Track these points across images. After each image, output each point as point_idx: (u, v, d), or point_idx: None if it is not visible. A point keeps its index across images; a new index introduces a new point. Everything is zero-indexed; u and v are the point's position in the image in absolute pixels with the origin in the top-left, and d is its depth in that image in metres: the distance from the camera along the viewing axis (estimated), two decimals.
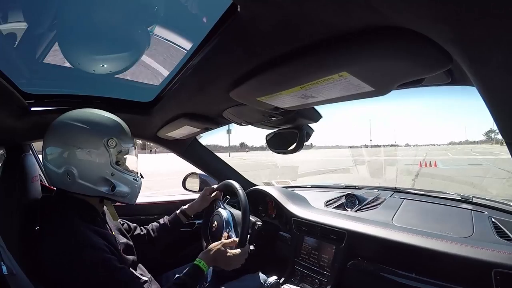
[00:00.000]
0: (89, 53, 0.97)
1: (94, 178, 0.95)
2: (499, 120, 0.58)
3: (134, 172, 1.08)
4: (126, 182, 1.02)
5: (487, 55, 0.43)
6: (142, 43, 0.95)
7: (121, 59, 1.02)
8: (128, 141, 1.03)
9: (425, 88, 0.82)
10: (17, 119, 1.11)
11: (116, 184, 0.99)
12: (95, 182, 0.96)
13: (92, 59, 1.00)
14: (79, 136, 0.93)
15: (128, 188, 1.03)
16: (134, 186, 1.06)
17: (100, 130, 0.96)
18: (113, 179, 0.98)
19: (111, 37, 0.94)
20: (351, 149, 72.40)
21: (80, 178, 0.93)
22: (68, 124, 0.95)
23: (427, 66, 0.55)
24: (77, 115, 0.97)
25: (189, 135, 1.65)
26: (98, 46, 0.96)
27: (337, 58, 0.59)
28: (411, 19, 0.44)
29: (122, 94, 1.27)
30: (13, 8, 0.78)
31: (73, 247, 0.86)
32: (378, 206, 1.49)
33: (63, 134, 0.94)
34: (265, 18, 0.55)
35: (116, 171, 0.99)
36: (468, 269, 0.91)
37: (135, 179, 1.06)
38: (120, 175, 1.00)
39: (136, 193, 1.08)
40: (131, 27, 0.91)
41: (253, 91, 0.86)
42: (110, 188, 0.98)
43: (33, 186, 1.11)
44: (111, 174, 0.98)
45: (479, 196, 1.41)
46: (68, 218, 0.92)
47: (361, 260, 1.19)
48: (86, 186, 0.95)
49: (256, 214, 1.78)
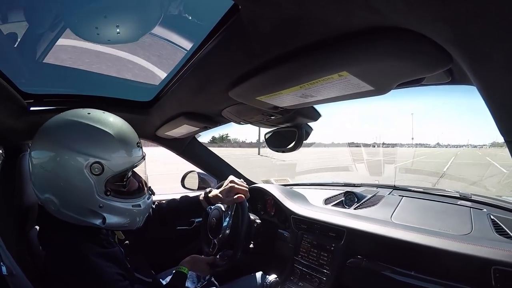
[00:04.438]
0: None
1: (78, 210, 0.79)
2: (499, 119, 0.58)
3: (137, 194, 0.90)
4: (122, 212, 0.84)
5: (487, 54, 0.43)
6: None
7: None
8: (125, 156, 0.82)
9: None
10: (16, 118, 1.11)
11: (107, 217, 0.81)
12: (81, 214, 0.79)
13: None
14: (56, 156, 0.75)
15: (125, 218, 0.85)
16: (134, 212, 0.87)
17: (81, 149, 0.76)
18: (102, 211, 0.80)
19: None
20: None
21: (63, 207, 0.78)
22: (46, 132, 0.79)
23: (427, 66, 0.55)
24: (58, 122, 0.80)
25: (188, 134, 1.65)
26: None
27: (337, 58, 0.59)
28: (411, 19, 0.44)
29: (121, 93, 1.27)
30: (12, 8, 0.78)
31: (84, 282, 0.75)
32: (377, 204, 1.50)
33: (41, 150, 0.78)
34: (266, 18, 0.55)
35: (106, 202, 0.80)
36: (467, 267, 0.92)
37: (138, 205, 0.88)
38: (111, 206, 0.81)
39: (139, 218, 0.91)
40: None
41: (253, 91, 0.86)
42: (102, 220, 0.81)
43: (31, 186, 1.11)
44: (99, 206, 0.79)
45: (478, 194, 1.42)
46: (72, 242, 0.80)
47: (360, 258, 1.19)
48: (71, 216, 0.79)
49: (255, 212, 1.78)
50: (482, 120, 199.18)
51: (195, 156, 2.03)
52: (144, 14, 0.85)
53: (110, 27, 0.83)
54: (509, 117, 0.57)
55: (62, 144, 0.75)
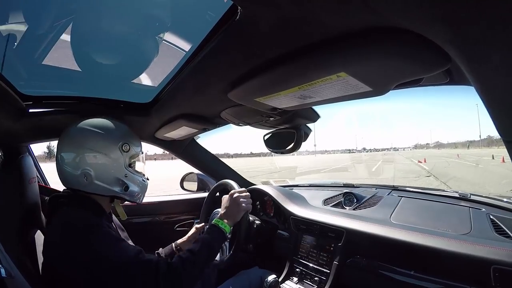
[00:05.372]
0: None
1: (109, 179, 1.02)
2: (498, 119, 0.59)
3: (142, 173, 1.15)
4: (137, 183, 1.10)
5: (485, 55, 0.43)
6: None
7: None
8: (138, 146, 1.11)
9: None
10: (15, 120, 1.11)
11: (129, 185, 1.06)
12: (110, 183, 1.02)
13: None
14: (96, 141, 1.00)
15: (139, 188, 1.11)
16: (143, 186, 1.14)
17: (116, 136, 1.04)
18: (126, 180, 1.05)
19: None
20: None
21: (97, 179, 0.99)
22: (85, 130, 1.01)
23: (426, 66, 0.56)
24: (93, 122, 1.03)
25: (187, 135, 1.65)
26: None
27: (335, 59, 0.59)
28: (410, 19, 0.44)
29: (120, 95, 1.27)
30: (11, 9, 0.78)
31: (81, 230, 0.88)
32: (376, 204, 1.49)
33: (80, 139, 1.00)
34: (265, 19, 0.55)
35: (129, 173, 1.06)
36: (466, 266, 0.91)
37: (144, 180, 1.14)
38: (132, 176, 1.07)
39: (144, 193, 1.16)
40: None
41: (251, 92, 0.86)
42: (123, 188, 1.05)
43: (30, 188, 1.11)
44: (125, 176, 1.05)
45: (477, 194, 1.42)
46: (76, 209, 0.96)
47: (359, 258, 1.19)
48: (101, 186, 1.00)
49: (255, 213, 1.78)
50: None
51: (194, 157, 2.03)
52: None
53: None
54: (507, 117, 0.57)
55: (102, 134, 1.02)
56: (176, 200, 2.07)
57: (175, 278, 0.91)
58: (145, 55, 1.01)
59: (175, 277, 0.91)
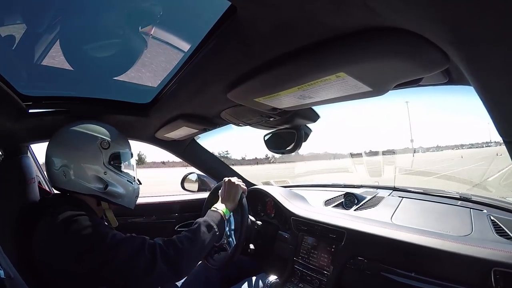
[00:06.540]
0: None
1: (87, 177, 1.01)
2: (497, 119, 0.58)
3: (129, 175, 1.14)
4: (120, 183, 1.08)
5: (484, 55, 0.43)
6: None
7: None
8: (123, 145, 1.11)
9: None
10: (15, 121, 1.11)
11: (109, 183, 1.04)
12: (89, 180, 1.01)
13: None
14: (75, 138, 1.02)
15: (122, 189, 1.09)
16: (129, 188, 1.12)
17: (96, 133, 1.05)
18: (106, 178, 1.04)
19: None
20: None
21: (75, 175, 1.00)
22: (69, 131, 1.04)
23: (425, 66, 0.55)
24: (77, 124, 1.06)
25: (187, 135, 1.65)
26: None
27: (334, 59, 0.59)
28: (409, 20, 0.44)
29: (120, 95, 1.27)
30: (11, 9, 0.78)
31: (69, 221, 0.87)
32: (377, 205, 1.49)
33: (61, 139, 1.03)
34: (264, 19, 0.55)
35: (109, 171, 1.05)
36: (467, 268, 0.91)
37: (130, 181, 1.12)
38: (113, 175, 1.06)
39: (132, 196, 1.15)
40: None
41: (251, 92, 0.86)
42: (103, 186, 1.03)
43: (30, 188, 1.11)
44: (104, 173, 1.03)
45: (478, 195, 1.41)
46: (64, 207, 0.93)
47: (360, 259, 1.19)
48: (80, 183, 1.00)
49: (255, 213, 1.78)
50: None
51: (195, 158, 2.03)
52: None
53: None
54: (507, 118, 0.57)
55: (82, 132, 1.04)
56: (177, 200, 2.07)
57: (173, 252, 0.91)
58: (145, 56, 1.01)
59: (173, 251, 0.92)
